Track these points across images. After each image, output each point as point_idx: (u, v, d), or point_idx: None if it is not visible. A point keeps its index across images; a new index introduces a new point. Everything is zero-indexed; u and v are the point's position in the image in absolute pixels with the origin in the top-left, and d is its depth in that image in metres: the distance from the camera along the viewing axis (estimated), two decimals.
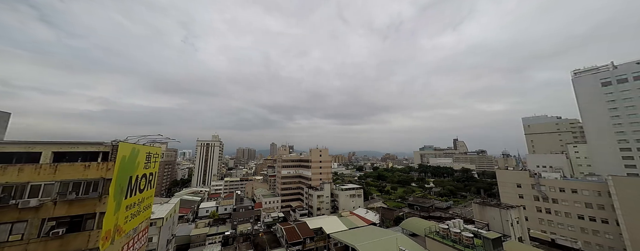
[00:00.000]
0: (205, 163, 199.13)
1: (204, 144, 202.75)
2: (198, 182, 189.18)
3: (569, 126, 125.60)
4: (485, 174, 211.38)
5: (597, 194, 55.74)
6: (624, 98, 79.27)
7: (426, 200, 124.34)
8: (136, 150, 25.93)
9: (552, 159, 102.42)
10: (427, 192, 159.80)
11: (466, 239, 32.48)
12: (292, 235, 54.96)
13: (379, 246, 40.48)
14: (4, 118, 26.35)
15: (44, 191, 20.02)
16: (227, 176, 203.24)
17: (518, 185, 68.25)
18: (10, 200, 18.88)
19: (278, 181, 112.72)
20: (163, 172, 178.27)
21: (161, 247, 42.52)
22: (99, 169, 21.75)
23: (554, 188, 62.12)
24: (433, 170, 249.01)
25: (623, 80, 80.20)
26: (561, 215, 60.15)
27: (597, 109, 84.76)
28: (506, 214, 43.34)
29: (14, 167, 19.44)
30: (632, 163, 76.23)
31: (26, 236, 18.76)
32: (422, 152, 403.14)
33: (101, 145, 23.02)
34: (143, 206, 28.75)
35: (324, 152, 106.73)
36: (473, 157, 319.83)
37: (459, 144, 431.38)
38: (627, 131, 78.11)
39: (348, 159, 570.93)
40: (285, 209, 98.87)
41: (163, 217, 43.38)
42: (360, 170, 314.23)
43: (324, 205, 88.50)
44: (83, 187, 21.34)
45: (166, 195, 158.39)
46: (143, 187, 28.14)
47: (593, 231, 55.48)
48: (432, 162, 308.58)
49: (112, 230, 21.97)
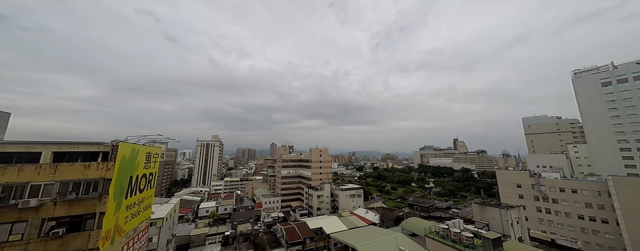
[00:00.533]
0: (205, 163, 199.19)
1: (204, 144, 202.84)
2: (198, 182, 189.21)
3: (569, 126, 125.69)
4: (485, 174, 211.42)
5: (597, 194, 55.74)
6: (624, 98, 79.30)
7: (426, 200, 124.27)
8: (136, 150, 25.93)
9: (552, 159, 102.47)
10: (427, 192, 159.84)
11: (466, 239, 32.49)
12: (292, 235, 54.96)
13: (379, 246, 40.45)
14: (4, 118, 26.36)
15: (44, 191, 20.03)
16: (227, 176, 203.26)
17: (518, 185, 68.26)
18: (10, 200, 18.89)
19: (278, 181, 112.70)
20: (163, 172, 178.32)
21: (161, 247, 42.53)
22: (99, 169, 21.75)
23: (554, 188, 62.12)
24: (433, 170, 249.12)
25: (623, 80, 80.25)
26: (561, 215, 60.15)
27: (597, 109, 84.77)
28: (506, 214, 43.35)
29: (14, 167, 19.44)
30: (632, 163, 76.24)
31: (26, 236, 18.76)
32: (422, 152, 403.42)
33: (101, 145, 23.02)
34: (143, 206, 28.76)
35: (324, 152, 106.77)
36: (473, 157, 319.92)
37: (459, 144, 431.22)
38: (627, 131, 78.12)
39: (348, 159, 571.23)
40: (285, 209, 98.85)
41: (163, 217, 43.39)
42: (360, 170, 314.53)
43: (324, 205, 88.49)
44: (83, 187, 21.35)
45: (166, 195, 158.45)
46: (143, 187, 28.14)
47: (593, 231, 55.49)
48: (432, 162, 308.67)
49: (112, 230, 21.97)
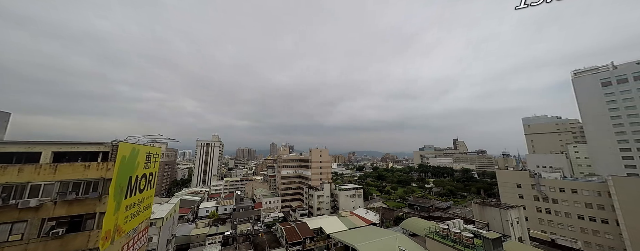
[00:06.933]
0: (205, 163, 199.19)
1: (204, 144, 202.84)
2: (198, 182, 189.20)
3: (569, 126, 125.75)
4: (485, 174, 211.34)
5: (597, 194, 55.77)
6: (624, 98, 79.27)
7: (426, 200, 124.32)
8: (136, 150, 25.91)
9: (552, 159, 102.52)
10: (427, 192, 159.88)
11: (466, 239, 32.46)
12: (292, 235, 54.91)
13: (379, 246, 40.39)
14: (4, 118, 26.31)
15: (44, 191, 20.02)
16: (227, 176, 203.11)
17: (518, 185, 68.29)
18: (10, 200, 18.89)
19: (278, 181, 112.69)
20: (163, 172, 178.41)
21: (161, 247, 42.53)
22: (99, 169, 21.75)
23: (554, 188, 62.14)
24: (433, 170, 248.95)
25: (623, 80, 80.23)
26: (561, 215, 60.18)
27: (597, 109, 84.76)
28: (506, 214, 43.35)
29: (14, 167, 19.43)
30: (632, 163, 76.21)
31: (26, 236, 18.76)
32: (422, 152, 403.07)
33: (101, 145, 23.03)
34: (143, 206, 28.75)
35: (324, 152, 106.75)
36: (473, 157, 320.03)
37: (459, 144, 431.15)
38: (627, 131, 78.07)
39: (348, 159, 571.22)
40: (285, 209, 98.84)
41: (163, 217, 43.40)
42: (360, 170, 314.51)
43: (324, 205, 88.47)
44: (83, 187, 21.35)
45: (166, 195, 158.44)
46: (143, 187, 28.13)
47: (593, 231, 55.52)
48: (432, 162, 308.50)
49: (112, 230, 21.96)
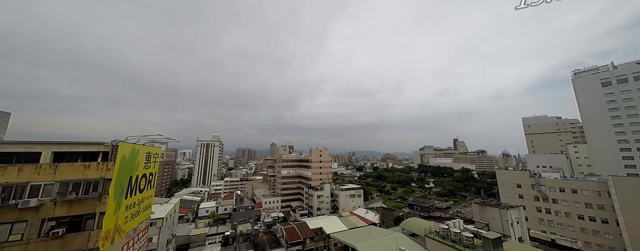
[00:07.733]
0: (205, 163, 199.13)
1: (204, 144, 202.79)
2: (198, 182, 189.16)
3: (569, 126, 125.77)
4: (485, 174, 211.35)
5: (597, 194, 55.75)
6: (624, 98, 79.25)
7: (426, 200, 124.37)
8: (136, 150, 25.92)
9: (552, 159, 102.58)
10: (427, 192, 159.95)
11: (466, 239, 32.49)
12: (292, 235, 54.94)
13: (379, 246, 40.41)
14: (4, 118, 26.31)
15: (44, 191, 20.02)
16: (227, 176, 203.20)
17: (518, 185, 68.28)
18: (10, 200, 18.88)
19: (278, 181, 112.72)
20: (163, 172, 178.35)
21: (161, 247, 42.53)
22: (99, 169, 21.74)
23: (554, 188, 62.12)
24: (433, 170, 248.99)
25: (623, 80, 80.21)
26: (561, 215, 60.16)
27: (597, 109, 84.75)
28: (506, 214, 43.35)
29: (14, 167, 19.44)
30: (632, 163, 76.18)
31: (26, 236, 18.77)
32: (422, 152, 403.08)
33: (101, 145, 23.01)
34: (143, 206, 28.76)
35: (324, 152, 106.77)
36: (473, 157, 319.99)
37: (459, 144, 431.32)
38: (627, 131, 78.05)
39: (348, 159, 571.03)
40: (285, 209, 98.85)
41: (163, 217, 43.40)
42: (360, 170, 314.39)
43: (324, 205, 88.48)
44: (83, 187, 21.33)
45: (166, 195, 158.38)
46: (143, 187, 28.14)
47: (593, 231, 55.51)
48: (432, 162, 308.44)
49: (112, 230, 21.96)
